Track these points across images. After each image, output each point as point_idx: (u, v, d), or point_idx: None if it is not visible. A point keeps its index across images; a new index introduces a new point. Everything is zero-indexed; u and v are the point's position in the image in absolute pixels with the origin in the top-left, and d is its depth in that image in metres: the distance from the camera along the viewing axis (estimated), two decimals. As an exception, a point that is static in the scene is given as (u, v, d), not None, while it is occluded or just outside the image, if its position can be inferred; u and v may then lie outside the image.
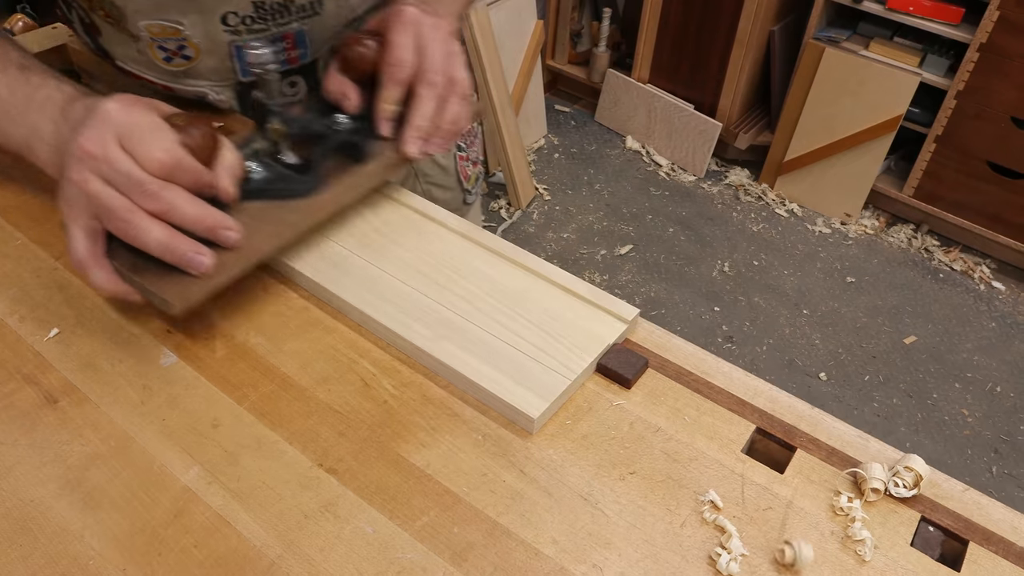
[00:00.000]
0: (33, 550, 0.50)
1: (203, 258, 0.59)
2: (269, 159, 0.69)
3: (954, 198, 2.58)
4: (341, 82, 0.74)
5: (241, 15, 0.80)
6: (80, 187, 0.57)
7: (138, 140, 0.57)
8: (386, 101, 0.73)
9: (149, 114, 0.59)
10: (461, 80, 0.74)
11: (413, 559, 0.50)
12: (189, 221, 0.59)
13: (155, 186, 0.57)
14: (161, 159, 0.57)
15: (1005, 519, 0.54)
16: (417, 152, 0.73)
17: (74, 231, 0.59)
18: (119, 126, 0.57)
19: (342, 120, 0.73)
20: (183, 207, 0.58)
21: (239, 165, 0.64)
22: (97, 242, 0.59)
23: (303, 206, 0.68)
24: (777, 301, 2.48)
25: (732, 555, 0.50)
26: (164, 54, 0.83)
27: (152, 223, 0.57)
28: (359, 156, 0.72)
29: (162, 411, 0.58)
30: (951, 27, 2.37)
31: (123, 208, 0.57)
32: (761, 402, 0.61)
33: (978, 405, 2.20)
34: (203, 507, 0.52)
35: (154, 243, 0.58)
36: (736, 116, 2.88)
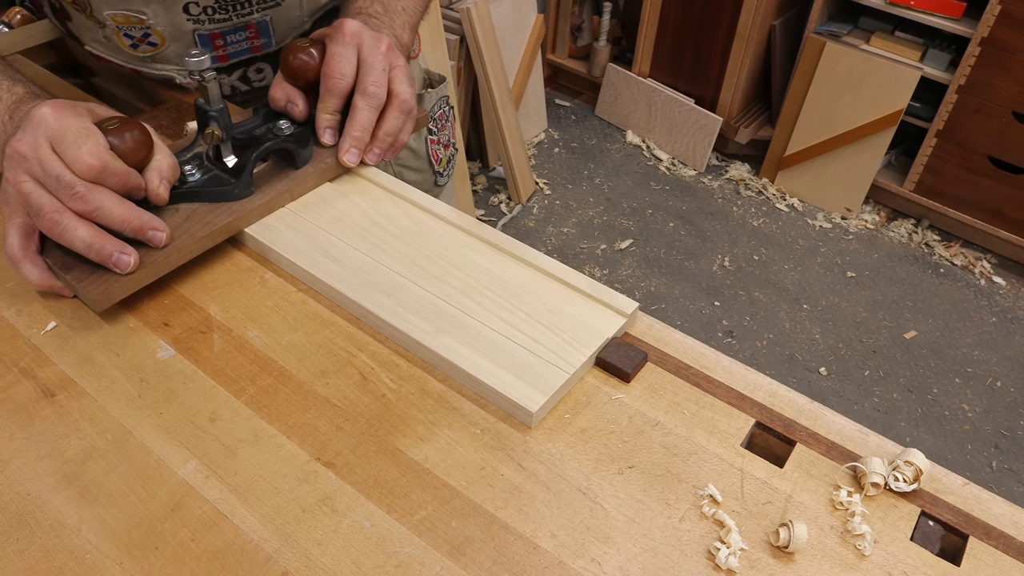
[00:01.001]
0: (30, 544, 0.50)
1: (127, 258, 0.61)
2: (209, 163, 0.72)
3: (955, 193, 2.57)
4: (286, 89, 0.75)
5: (203, 5, 0.82)
6: (15, 187, 0.60)
7: (69, 143, 0.59)
8: (325, 111, 0.75)
9: (81, 118, 0.61)
10: (399, 93, 0.76)
11: (411, 553, 0.50)
12: (116, 222, 0.61)
13: (83, 188, 0.59)
14: (89, 162, 0.59)
15: (1005, 514, 0.54)
16: (353, 161, 0.76)
17: (9, 228, 0.62)
18: (51, 130, 0.60)
19: (284, 126, 0.75)
20: (110, 208, 0.60)
21: (172, 168, 0.66)
22: (30, 239, 0.63)
23: (233, 209, 0.70)
24: (777, 296, 2.48)
25: (731, 549, 0.50)
26: (130, 41, 0.85)
27: (79, 223, 0.60)
28: (294, 162, 0.75)
29: (159, 405, 0.58)
30: (952, 21, 2.36)
31: (52, 208, 0.59)
32: (761, 396, 0.61)
33: (978, 400, 2.20)
34: (200, 501, 0.52)
35: (80, 243, 0.60)
36: (737, 111, 2.88)
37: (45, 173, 0.59)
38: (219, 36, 0.87)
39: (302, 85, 0.76)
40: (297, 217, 0.73)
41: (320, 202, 0.75)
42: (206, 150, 0.72)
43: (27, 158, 0.59)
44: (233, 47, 0.89)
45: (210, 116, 0.69)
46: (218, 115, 0.69)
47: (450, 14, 2.45)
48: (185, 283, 0.68)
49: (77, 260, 0.62)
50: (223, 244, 0.72)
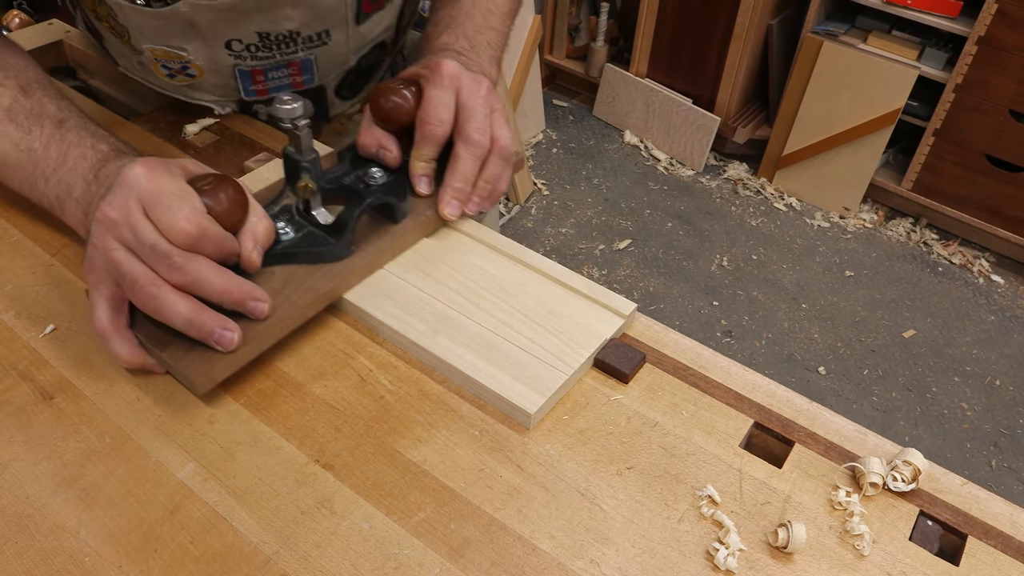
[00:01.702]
0: (29, 547, 0.50)
1: (230, 334, 0.56)
2: (300, 218, 0.66)
3: (953, 192, 2.57)
4: (376, 134, 0.70)
5: (246, 43, 0.79)
6: (105, 255, 0.55)
7: (163, 208, 0.54)
8: (421, 159, 0.70)
9: (175, 180, 0.56)
10: (500, 139, 0.71)
11: (410, 555, 0.50)
12: (215, 293, 0.56)
13: (180, 258, 0.54)
14: (186, 229, 0.54)
15: (1004, 513, 0.54)
16: (455, 215, 0.70)
17: (96, 299, 0.56)
18: (144, 193, 0.55)
19: (377, 175, 0.69)
20: (209, 279, 0.55)
21: (268, 232, 0.61)
22: (120, 311, 0.57)
23: (335, 272, 0.64)
24: (776, 295, 2.48)
25: (730, 550, 0.50)
26: (167, 71, 0.82)
27: (177, 297, 0.54)
28: (394, 216, 0.69)
29: (158, 407, 0.58)
30: (949, 20, 2.36)
31: (147, 281, 0.54)
32: (759, 396, 0.61)
33: (977, 399, 2.20)
34: (199, 503, 0.52)
35: (179, 319, 0.54)
36: (734, 110, 2.88)
37: (138, 241, 0.54)
38: (260, 72, 0.84)
39: (394, 129, 0.70)
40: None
41: (318, 204, 0.75)
42: (296, 203, 0.66)
43: (118, 224, 0.54)
44: (274, 82, 0.86)
45: (302, 167, 0.63)
46: (311, 166, 0.63)
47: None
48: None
49: (171, 334, 0.56)
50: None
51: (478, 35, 0.80)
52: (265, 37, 0.79)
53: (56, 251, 0.70)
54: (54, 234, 0.72)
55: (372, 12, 0.85)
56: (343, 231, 0.64)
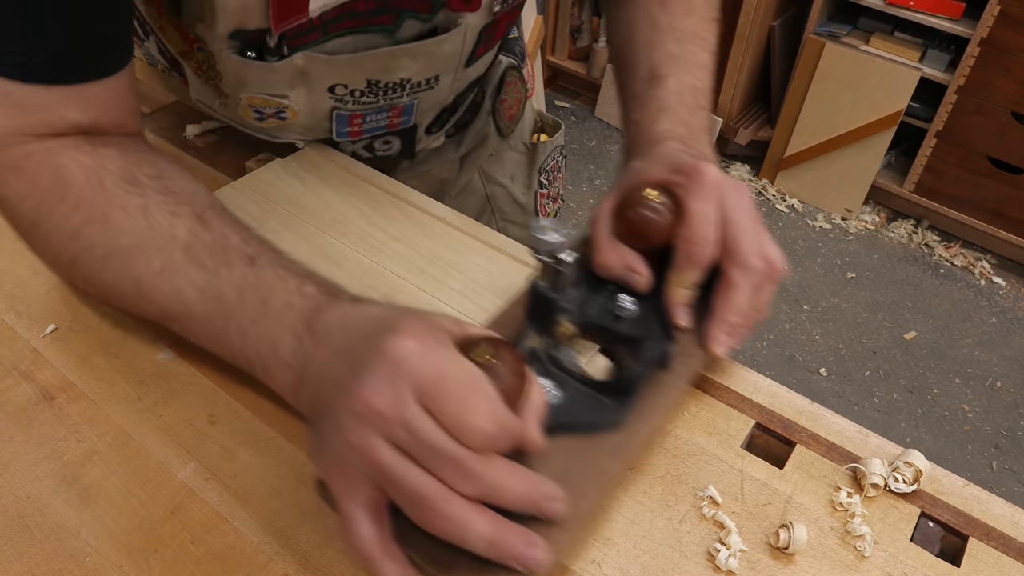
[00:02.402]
0: (30, 547, 0.50)
1: (536, 552, 0.43)
2: (552, 367, 0.55)
3: (955, 193, 2.57)
4: (623, 254, 0.58)
5: (351, 88, 0.74)
6: (366, 455, 0.42)
7: (451, 401, 0.42)
8: (683, 284, 0.58)
9: (456, 359, 0.44)
10: (777, 260, 0.58)
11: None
12: (511, 500, 0.44)
13: (476, 464, 0.42)
14: (486, 430, 0.42)
15: (1005, 514, 0.54)
16: (725, 352, 0.58)
17: (354, 510, 0.44)
18: (419, 378, 0.42)
19: (627, 303, 0.58)
20: (508, 485, 0.43)
21: (544, 401, 0.48)
22: (384, 523, 0.45)
23: (617, 444, 0.51)
24: (777, 296, 2.48)
25: (731, 551, 0.50)
26: (258, 116, 0.77)
27: (475, 515, 0.42)
28: (664, 361, 0.56)
29: (159, 407, 0.58)
30: (952, 22, 2.36)
31: (435, 495, 0.42)
32: (760, 397, 0.61)
33: (978, 400, 2.20)
34: (200, 503, 0.52)
35: (480, 542, 0.42)
36: (736, 111, 2.88)
37: (416, 442, 0.42)
38: (359, 116, 0.78)
39: (643, 248, 0.59)
40: (293, 217, 0.73)
41: (317, 202, 0.75)
42: (544, 346, 0.55)
43: (387, 419, 0.42)
44: (370, 124, 0.81)
45: (561, 308, 0.53)
46: (571, 306, 0.53)
47: (449, 16, 2.45)
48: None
49: (449, 550, 0.44)
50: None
51: (692, 118, 0.69)
52: (374, 84, 0.74)
53: (58, 251, 0.70)
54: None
55: (484, 54, 0.81)
56: (628, 393, 0.53)
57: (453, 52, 0.75)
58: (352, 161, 0.81)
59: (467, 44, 0.75)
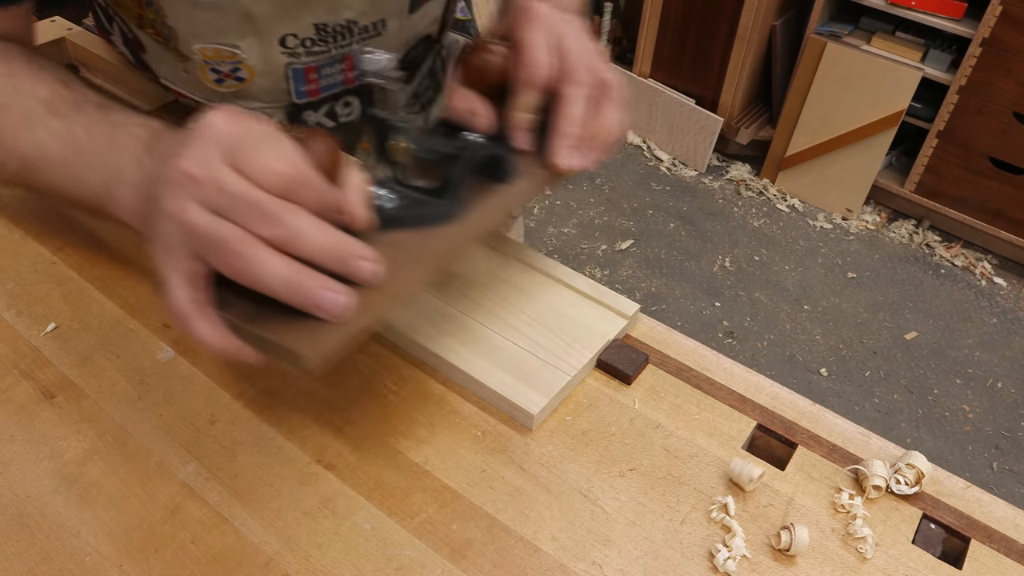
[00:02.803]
0: (30, 546, 0.50)
1: (339, 296, 0.45)
2: (395, 184, 0.57)
3: (956, 194, 2.57)
4: (467, 96, 0.61)
5: (301, 37, 0.77)
6: (178, 219, 0.45)
7: (252, 151, 0.45)
8: (522, 108, 0.61)
9: (262, 123, 0.47)
10: (610, 80, 0.62)
11: (411, 556, 0.50)
12: (317, 250, 0.45)
13: (275, 206, 0.44)
14: (282, 170, 0.44)
15: (1007, 517, 0.54)
16: (571, 164, 0.61)
17: (171, 277, 0.46)
18: (226, 140, 0.45)
19: (472, 139, 0.61)
20: (310, 233, 0.45)
21: (367, 188, 0.51)
22: (201, 289, 0.46)
23: (450, 232, 0.55)
24: (778, 296, 2.48)
25: (731, 553, 0.50)
26: (216, 76, 0.80)
27: (272, 255, 0.44)
28: (501, 175, 0.60)
29: (159, 407, 0.58)
30: (953, 22, 2.36)
31: (235, 238, 0.44)
32: (762, 398, 0.61)
33: (979, 401, 2.20)
34: (200, 503, 0.52)
35: (275, 280, 0.44)
36: (737, 111, 2.87)
37: (223, 194, 0.44)
38: (314, 70, 0.81)
39: (484, 90, 0.62)
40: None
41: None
42: (389, 173, 0.57)
43: (196, 178, 0.44)
44: (327, 80, 0.83)
45: (395, 127, 0.55)
46: (404, 125, 0.56)
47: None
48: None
49: (266, 309, 0.46)
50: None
51: None
52: (322, 29, 0.77)
53: (58, 249, 0.70)
54: (56, 232, 0.72)
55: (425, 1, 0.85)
56: (448, 189, 0.56)
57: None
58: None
59: None
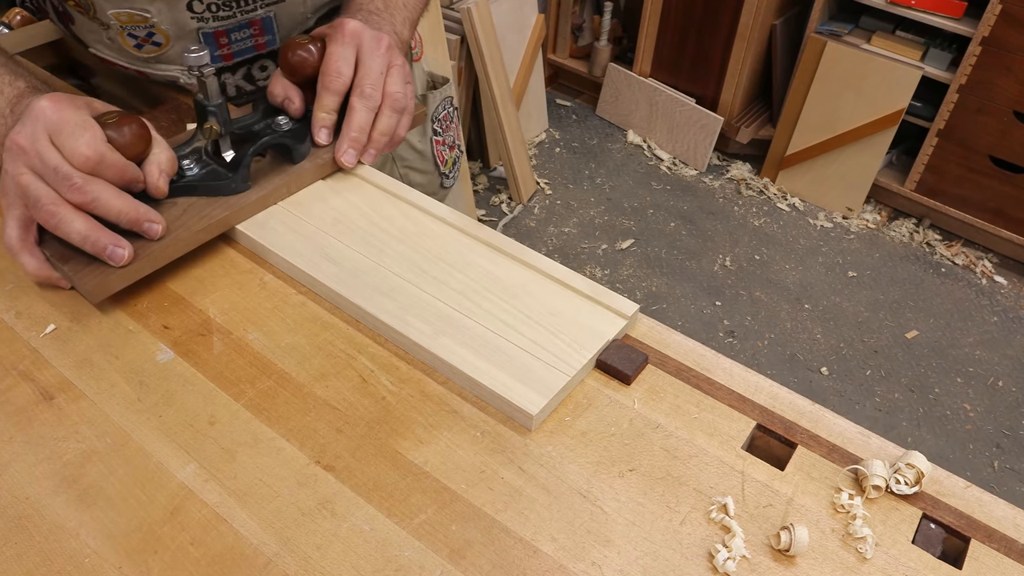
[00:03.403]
0: (28, 548, 0.50)
1: (121, 251, 0.62)
2: (207, 158, 0.72)
3: (956, 192, 2.57)
4: (284, 85, 0.76)
5: (206, 2, 0.83)
6: (13, 179, 0.61)
7: (67, 135, 0.60)
8: (321, 109, 0.75)
9: (79, 112, 0.62)
10: (393, 93, 0.77)
11: (411, 557, 0.50)
12: (113, 213, 0.62)
13: (80, 179, 0.60)
14: (86, 154, 0.60)
15: (1007, 516, 0.54)
16: (351, 162, 0.76)
17: (8, 219, 0.63)
18: (49, 122, 0.60)
19: (283, 122, 0.76)
20: (107, 200, 0.61)
21: (170, 161, 0.67)
22: (29, 230, 0.63)
23: (231, 203, 0.71)
24: (779, 295, 2.48)
25: (731, 554, 0.50)
26: (134, 41, 0.86)
27: (75, 215, 0.60)
28: (292, 157, 0.75)
29: (158, 408, 0.58)
30: (953, 21, 2.35)
31: (49, 200, 0.60)
32: (762, 398, 0.61)
33: (980, 400, 2.20)
34: (199, 504, 0.52)
35: (76, 235, 0.60)
36: (738, 110, 2.87)
37: (43, 165, 0.60)
38: (224, 34, 0.87)
39: (300, 81, 0.76)
40: (295, 218, 0.73)
41: (319, 202, 0.75)
42: (204, 145, 0.72)
43: (25, 150, 0.60)
44: (238, 45, 0.90)
45: (208, 111, 0.69)
46: (216, 110, 0.69)
47: (451, 14, 2.44)
48: (184, 286, 0.68)
49: (75, 252, 0.63)
50: (222, 245, 0.72)
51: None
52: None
53: (57, 250, 0.70)
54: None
55: None
56: (240, 165, 0.71)
57: None
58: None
59: None
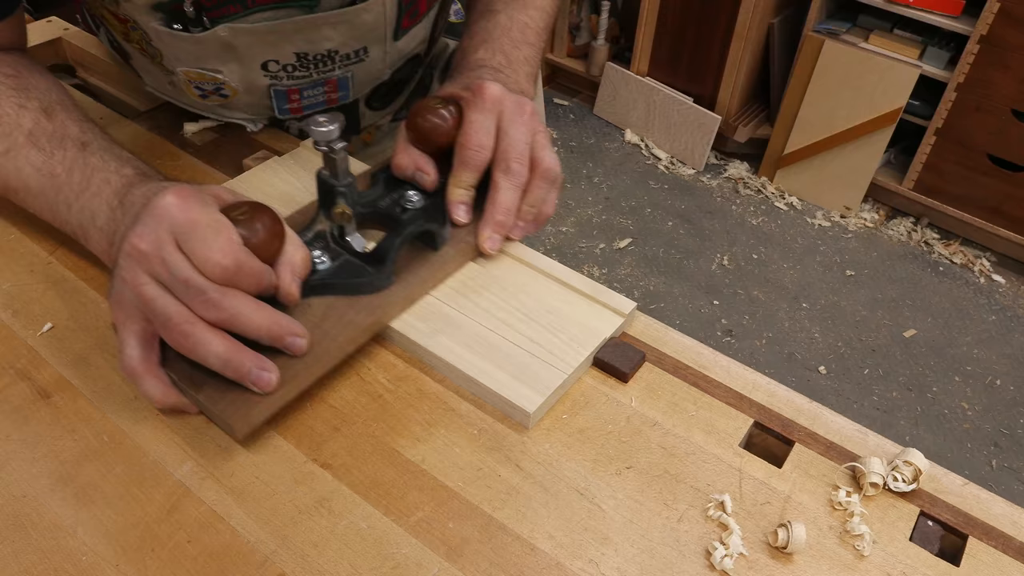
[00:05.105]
0: (26, 546, 0.49)
1: (269, 375, 0.53)
2: (335, 245, 0.63)
3: (954, 191, 2.57)
4: (413, 156, 0.67)
5: (283, 63, 0.77)
6: (134, 290, 0.52)
7: (198, 241, 0.51)
8: (459, 185, 0.66)
9: (208, 209, 0.53)
10: (543, 161, 0.67)
11: (408, 554, 0.50)
12: (252, 330, 0.53)
13: (216, 293, 0.51)
14: (223, 263, 0.51)
15: (1005, 513, 0.54)
16: (495, 248, 0.67)
17: (126, 336, 0.54)
18: (176, 224, 0.52)
19: (413, 198, 0.66)
20: (247, 315, 0.52)
21: (305, 261, 0.58)
22: (151, 348, 0.54)
23: (375, 304, 0.61)
24: (776, 294, 2.48)
25: (728, 551, 0.50)
26: (200, 92, 0.81)
27: (212, 336, 0.51)
28: (434, 243, 0.65)
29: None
30: (951, 19, 2.36)
31: (181, 318, 0.51)
32: (759, 396, 0.61)
33: (978, 398, 2.20)
34: (197, 502, 0.52)
35: (215, 359, 0.52)
36: (735, 109, 2.87)
37: (170, 275, 0.51)
38: (296, 92, 0.82)
39: (431, 150, 0.67)
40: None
41: (317, 202, 0.75)
42: (330, 229, 0.63)
43: (149, 257, 0.51)
44: (309, 100, 0.84)
45: (338, 192, 0.60)
46: (347, 191, 0.60)
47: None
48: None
49: (206, 373, 0.54)
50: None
51: (515, 51, 0.77)
52: (303, 57, 0.77)
53: (54, 249, 0.70)
54: (52, 232, 0.72)
55: (410, 27, 0.83)
56: (384, 261, 0.61)
57: (376, 23, 0.78)
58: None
59: (388, 15, 0.78)
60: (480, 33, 0.78)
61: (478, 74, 0.71)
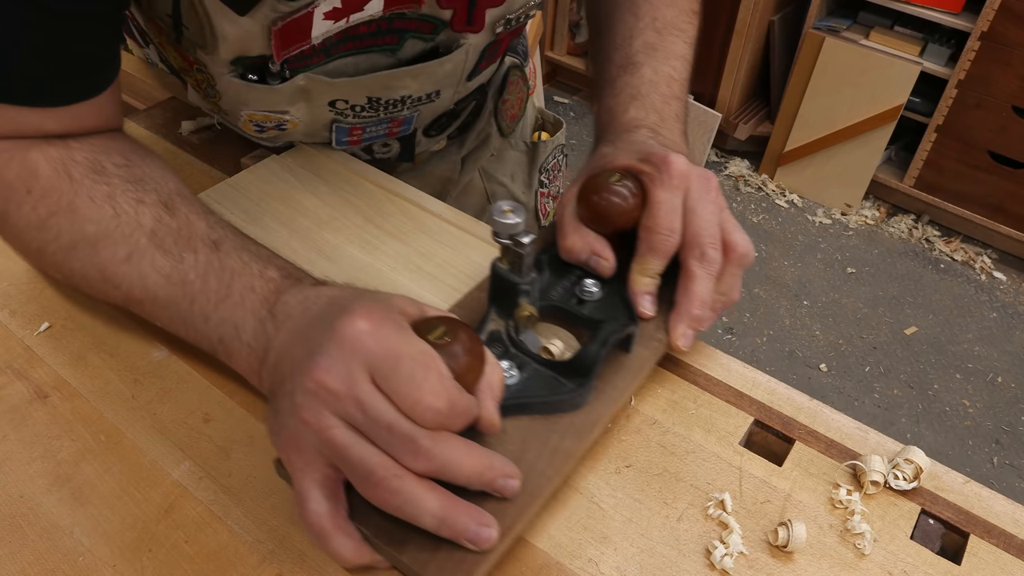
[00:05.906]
0: (22, 546, 0.49)
1: (490, 531, 0.44)
2: (514, 348, 0.55)
3: (955, 188, 2.57)
4: (588, 238, 0.59)
5: (351, 103, 0.73)
6: (320, 434, 0.43)
7: (403, 380, 0.42)
8: (646, 274, 0.59)
9: (409, 338, 0.44)
10: (739, 246, 0.60)
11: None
12: (464, 477, 0.44)
13: (427, 441, 0.42)
14: (435, 406, 0.42)
15: (1006, 512, 0.53)
16: (688, 345, 0.59)
17: (308, 487, 0.44)
18: (373, 358, 0.43)
19: (593, 288, 0.59)
20: (459, 461, 0.44)
21: (502, 381, 0.49)
22: (339, 500, 0.45)
23: (578, 425, 0.52)
24: (777, 292, 2.48)
25: (728, 550, 0.50)
26: (257, 128, 0.76)
27: (424, 491, 0.43)
28: (627, 344, 0.57)
29: (153, 406, 0.58)
30: (952, 16, 2.35)
31: (387, 472, 0.42)
32: (759, 394, 0.60)
33: (979, 396, 2.20)
34: (194, 502, 0.52)
35: (429, 519, 0.43)
36: (736, 106, 2.87)
37: (368, 420, 0.42)
38: (359, 129, 0.78)
39: (607, 231, 0.60)
40: (289, 228, 0.73)
41: (318, 201, 0.75)
42: (506, 329, 0.55)
43: (340, 397, 0.42)
44: (370, 133, 0.80)
45: (521, 291, 0.53)
46: (531, 288, 0.54)
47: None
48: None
49: (403, 526, 0.44)
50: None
51: (666, 107, 0.69)
52: (374, 101, 0.74)
53: (52, 248, 0.70)
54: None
55: (486, 68, 0.81)
56: (587, 375, 0.53)
57: (455, 70, 0.75)
58: (348, 158, 0.81)
59: (468, 62, 0.75)
60: (627, 89, 0.70)
61: (641, 139, 0.64)
